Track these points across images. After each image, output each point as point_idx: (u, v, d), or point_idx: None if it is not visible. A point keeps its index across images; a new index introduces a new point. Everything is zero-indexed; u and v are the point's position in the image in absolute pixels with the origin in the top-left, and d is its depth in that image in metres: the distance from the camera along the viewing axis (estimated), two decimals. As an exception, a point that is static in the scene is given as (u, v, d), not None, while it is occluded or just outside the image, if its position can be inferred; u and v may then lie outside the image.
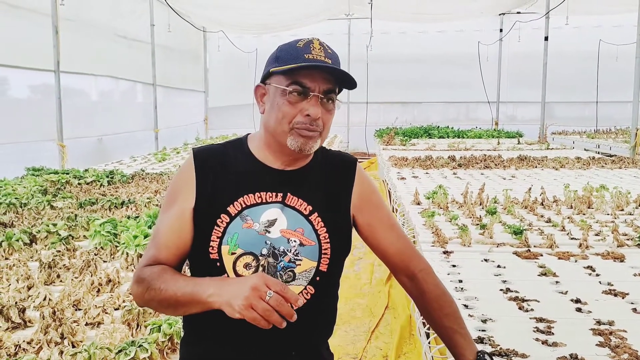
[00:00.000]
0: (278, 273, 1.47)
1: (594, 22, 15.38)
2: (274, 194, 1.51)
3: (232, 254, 1.46)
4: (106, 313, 2.65)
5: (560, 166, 7.89)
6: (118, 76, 11.64)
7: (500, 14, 16.28)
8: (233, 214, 1.48)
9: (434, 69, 16.97)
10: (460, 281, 3.09)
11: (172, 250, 1.49)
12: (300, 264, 1.49)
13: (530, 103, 16.81)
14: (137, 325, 2.50)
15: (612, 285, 3.00)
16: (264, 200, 1.51)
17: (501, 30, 16.54)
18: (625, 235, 3.93)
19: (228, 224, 1.47)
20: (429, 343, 3.88)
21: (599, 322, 2.52)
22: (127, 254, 3.46)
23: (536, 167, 7.89)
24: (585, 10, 13.25)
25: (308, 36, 1.54)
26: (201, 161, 1.54)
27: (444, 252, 3.61)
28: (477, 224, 4.23)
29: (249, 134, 1.65)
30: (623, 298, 2.83)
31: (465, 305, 2.72)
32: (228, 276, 1.46)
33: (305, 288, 1.50)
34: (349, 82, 1.49)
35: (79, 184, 6.62)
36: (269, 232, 1.48)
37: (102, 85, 11.27)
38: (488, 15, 15.93)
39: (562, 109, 16.67)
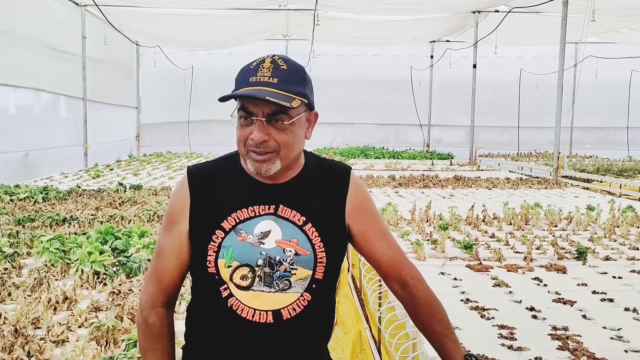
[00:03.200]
0: (274, 282, 1.52)
1: (516, 53, 16.39)
2: (266, 206, 1.56)
3: (229, 267, 1.51)
4: (70, 331, 2.55)
5: (492, 186, 8.32)
6: (47, 89, 11.16)
7: (431, 42, 17.01)
8: (227, 229, 1.53)
9: (368, 92, 17.44)
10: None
11: (175, 273, 1.59)
12: (295, 273, 1.53)
13: (458, 127, 17.62)
14: (107, 342, 2.43)
15: (560, 294, 3.22)
16: (257, 214, 1.55)
17: (432, 57, 17.28)
18: (563, 249, 4.22)
19: (223, 238, 1.52)
20: (380, 357, 3.98)
21: (554, 328, 2.71)
22: (82, 270, 3.34)
23: (471, 186, 8.28)
24: (508, 41, 14.11)
25: (268, 53, 1.56)
26: (195, 181, 1.59)
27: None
28: (428, 240, 4.40)
29: None
30: (572, 306, 3.04)
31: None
32: (228, 287, 1.52)
33: (301, 295, 1.54)
34: (298, 98, 1.49)
35: (11, 200, 6.28)
36: (263, 243, 1.53)
37: (30, 98, 10.77)
38: (420, 42, 16.61)
39: (487, 133, 17.52)
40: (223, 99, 1.51)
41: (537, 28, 13.49)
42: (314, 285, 1.54)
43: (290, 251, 1.52)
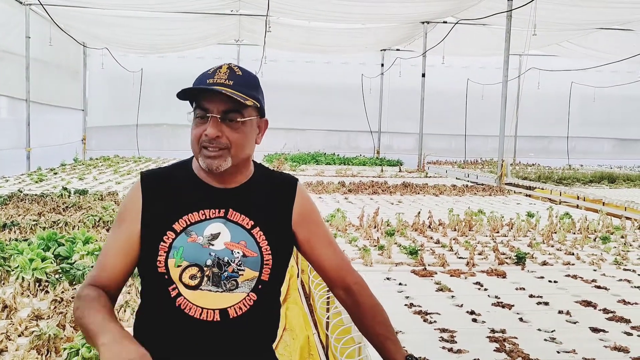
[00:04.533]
0: (222, 282, 1.59)
1: (463, 63, 16.86)
2: (217, 210, 1.64)
3: (178, 266, 1.58)
4: (10, 340, 2.48)
5: (439, 193, 8.53)
6: (-14, 89, 10.74)
7: (381, 50, 17.29)
8: (178, 230, 1.60)
9: (319, 98, 17.52)
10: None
11: (118, 268, 1.62)
12: (243, 274, 1.61)
13: (407, 134, 17.99)
14: (48, 351, 2.38)
15: (499, 298, 3.35)
16: (207, 217, 1.63)
17: (382, 65, 17.57)
18: (504, 254, 4.38)
19: (174, 239, 1.59)
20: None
21: (493, 331, 2.82)
22: (23, 278, 3.24)
23: (419, 193, 8.47)
24: (456, 52, 14.50)
25: (225, 61, 1.68)
26: (148, 184, 1.66)
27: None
28: (375, 245, 4.49)
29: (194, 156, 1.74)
30: (510, 309, 3.18)
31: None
32: (176, 286, 1.57)
33: (247, 295, 1.61)
34: (252, 100, 1.58)
35: (-53, 205, 6.01)
36: (212, 244, 1.60)
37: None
38: (371, 50, 16.86)
39: (435, 140, 17.90)
40: (181, 93, 1.59)
41: (483, 39, 13.94)
42: (260, 286, 1.62)
43: (238, 253, 1.60)
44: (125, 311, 2.82)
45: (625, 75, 17.34)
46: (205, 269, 1.58)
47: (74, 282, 3.35)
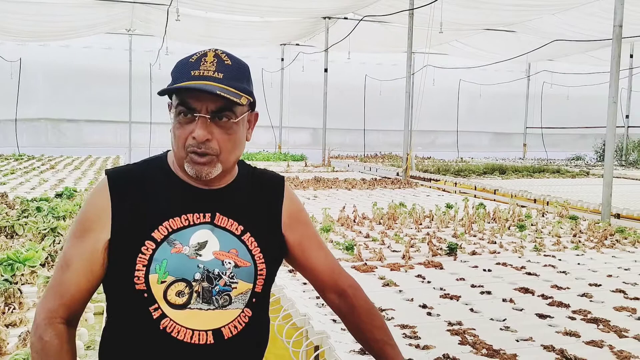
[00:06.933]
0: (214, 298, 1.39)
1: (361, 59, 17.22)
2: (202, 214, 1.42)
3: (162, 282, 1.36)
4: None
5: (351, 187, 8.60)
6: None
7: (281, 45, 17.18)
8: (159, 240, 1.37)
9: (219, 92, 17.10)
10: (318, 297, 3.15)
11: (83, 287, 1.39)
12: (236, 287, 1.41)
13: (307, 128, 18.11)
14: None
15: (445, 290, 3.38)
16: (192, 222, 1.41)
17: (282, 60, 17.47)
18: (435, 245, 4.45)
19: (154, 250, 1.36)
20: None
21: (450, 323, 2.82)
22: None
23: (331, 187, 8.47)
24: (357, 48, 14.76)
25: (210, 47, 1.44)
26: (117, 185, 1.41)
27: (290, 271, 3.65)
28: (309, 242, 4.37)
29: (169, 150, 1.51)
30: (458, 300, 3.21)
31: (333, 320, 2.79)
32: (159, 306, 1.35)
33: (242, 311, 1.42)
34: (246, 96, 1.39)
35: None
36: (200, 255, 1.39)
37: None
38: (271, 44, 16.69)
39: (334, 135, 18.15)
40: (163, 92, 1.37)
41: (382, 37, 14.30)
42: (254, 300, 1.44)
43: (229, 263, 1.40)
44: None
45: (506, 73, 18.74)
46: (193, 283, 1.36)
47: (-17, 299, 2.90)
